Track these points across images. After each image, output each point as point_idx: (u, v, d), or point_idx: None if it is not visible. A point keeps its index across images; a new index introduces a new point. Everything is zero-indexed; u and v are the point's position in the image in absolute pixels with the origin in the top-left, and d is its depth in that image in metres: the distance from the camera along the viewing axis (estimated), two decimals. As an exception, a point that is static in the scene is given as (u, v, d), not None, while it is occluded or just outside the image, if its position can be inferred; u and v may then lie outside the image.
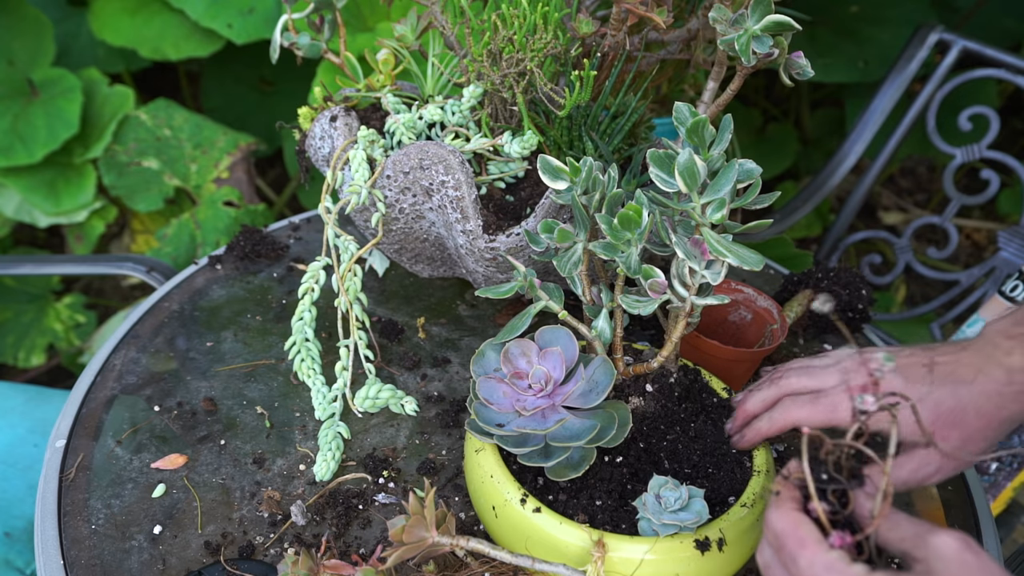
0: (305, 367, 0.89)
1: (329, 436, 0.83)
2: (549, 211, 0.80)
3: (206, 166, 1.74)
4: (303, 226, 1.16)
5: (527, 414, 0.69)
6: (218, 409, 0.88)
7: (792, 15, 0.71)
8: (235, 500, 0.79)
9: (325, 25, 0.91)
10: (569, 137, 0.88)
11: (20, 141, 1.62)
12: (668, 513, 0.63)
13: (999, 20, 2.01)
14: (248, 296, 1.03)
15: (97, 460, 0.82)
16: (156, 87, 2.25)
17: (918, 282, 2.17)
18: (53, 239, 2.06)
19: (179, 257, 1.64)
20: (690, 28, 0.96)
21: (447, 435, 0.86)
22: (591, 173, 0.70)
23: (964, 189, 2.13)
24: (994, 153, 1.45)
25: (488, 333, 0.99)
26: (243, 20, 1.65)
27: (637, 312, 0.68)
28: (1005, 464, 1.19)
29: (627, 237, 0.67)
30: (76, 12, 1.92)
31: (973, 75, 1.43)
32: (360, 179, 0.83)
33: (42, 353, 1.73)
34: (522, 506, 0.66)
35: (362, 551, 0.75)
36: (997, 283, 1.44)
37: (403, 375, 0.93)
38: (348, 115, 0.89)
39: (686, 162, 0.63)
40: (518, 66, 0.82)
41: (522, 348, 0.72)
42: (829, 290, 0.97)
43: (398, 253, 0.94)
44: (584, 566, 0.63)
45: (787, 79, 0.77)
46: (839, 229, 1.54)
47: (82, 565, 0.72)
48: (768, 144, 2.13)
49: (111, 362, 0.93)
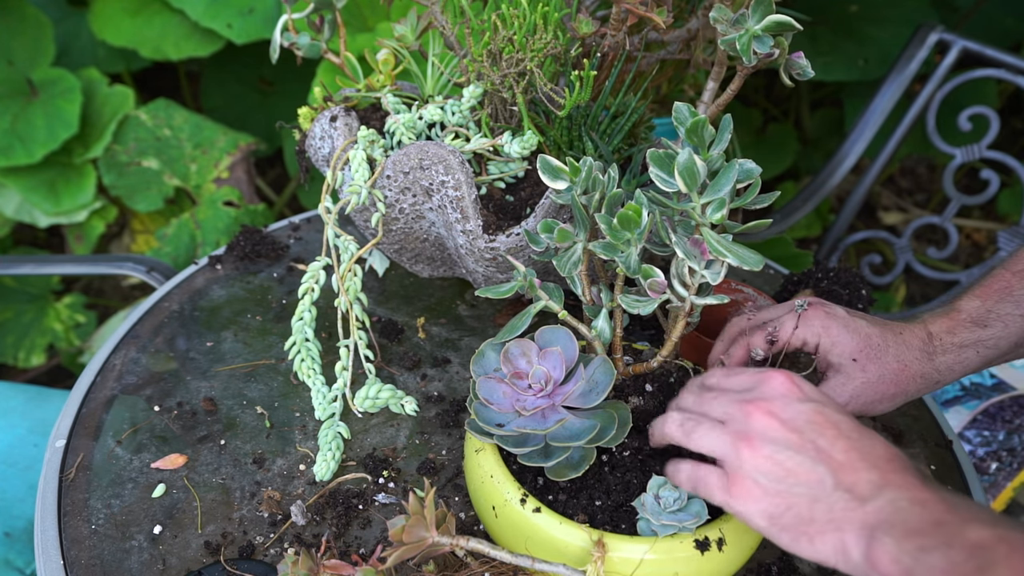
0: (305, 367, 0.89)
1: (329, 436, 0.83)
2: (549, 211, 0.80)
3: (206, 166, 1.74)
4: (303, 226, 1.16)
5: (527, 414, 0.69)
6: (218, 409, 0.88)
7: (793, 15, 0.71)
8: (235, 500, 0.79)
9: (325, 25, 0.91)
10: (569, 137, 0.88)
11: (20, 141, 1.62)
12: (667, 513, 0.63)
13: (999, 20, 2.01)
14: (248, 296, 1.03)
15: (97, 460, 0.82)
16: (156, 87, 2.25)
17: (918, 282, 2.17)
18: (53, 239, 2.06)
19: (179, 257, 1.64)
20: (690, 28, 0.96)
21: (447, 435, 0.86)
22: (591, 173, 0.70)
23: (964, 189, 2.13)
24: (994, 153, 1.45)
25: (488, 333, 0.99)
26: (243, 20, 1.65)
27: (637, 312, 0.68)
28: (1005, 464, 1.19)
29: (627, 237, 0.67)
30: (76, 12, 1.92)
31: (973, 75, 1.43)
32: (360, 179, 0.83)
33: (42, 353, 1.73)
34: (522, 506, 0.66)
35: (362, 551, 0.75)
36: (997, 283, 1.44)
37: (403, 375, 0.93)
38: (348, 115, 0.89)
39: (686, 162, 0.63)
40: (518, 66, 0.82)
41: (522, 348, 0.72)
42: (829, 290, 0.97)
43: (398, 253, 0.94)
44: (584, 566, 0.63)
45: (787, 79, 0.77)
46: (839, 229, 1.54)
47: (82, 565, 0.72)
48: (768, 144, 2.13)
49: (111, 362, 0.93)
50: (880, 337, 0.72)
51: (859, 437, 0.57)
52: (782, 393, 0.59)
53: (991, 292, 0.73)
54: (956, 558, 0.48)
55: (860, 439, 0.56)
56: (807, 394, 0.59)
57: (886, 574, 0.51)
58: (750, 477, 0.57)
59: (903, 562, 0.50)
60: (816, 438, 0.56)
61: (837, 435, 0.56)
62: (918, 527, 0.50)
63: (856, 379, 0.71)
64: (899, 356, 0.72)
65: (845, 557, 0.53)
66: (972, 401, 1.26)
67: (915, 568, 0.49)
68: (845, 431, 0.57)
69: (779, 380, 0.60)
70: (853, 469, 0.55)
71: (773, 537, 0.56)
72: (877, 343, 0.72)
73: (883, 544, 0.51)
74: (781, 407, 0.58)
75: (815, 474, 0.55)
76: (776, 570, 0.76)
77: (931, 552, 0.49)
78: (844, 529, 0.53)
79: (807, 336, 0.73)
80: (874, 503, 0.53)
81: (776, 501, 0.56)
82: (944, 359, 0.72)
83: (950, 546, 0.49)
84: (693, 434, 0.61)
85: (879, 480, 0.54)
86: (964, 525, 0.49)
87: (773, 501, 0.56)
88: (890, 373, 0.72)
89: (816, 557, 0.54)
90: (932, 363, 0.72)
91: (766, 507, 0.56)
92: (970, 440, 1.22)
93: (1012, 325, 0.72)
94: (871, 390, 0.71)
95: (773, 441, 0.57)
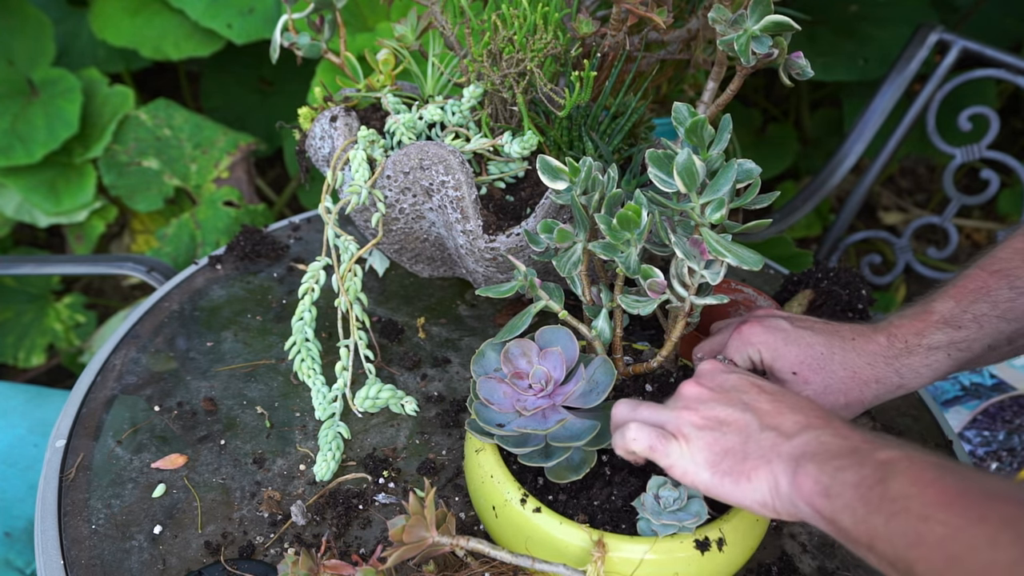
0: (305, 367, 0.89)
1: (329, 436, 0.83)
2: (549, 211, 0.80)
3: (206, 166, 1.74)
4: (303, 226, 1.16)
5: (527, 414, 0.69)
6: (218, 409, 0.88)
7: (792, 15, 0.71)
8: (235, 500, 0.79)
9: (325, 25, 0.91)
10: (569, 137, 0.88)
11: (20, 141, 1.62)
12: (667, 513, 0.64)
13: (999, 20, 2.01)
14: (248, 296, 1.03)
15: (97, 460, 0.82)
16: (156, 87, 2.25)
17: (918, 282, 2.17)
18: (53, 239, 2.06)
19: (179, 257, 1.64)
20: (690, 28, 0.96)
21: (447, 435, 0.86)
22: (590, 173, 0.70)
23: (964, 189, 2.13)
24: (994, 153, 1.45)
25: (488, 333, 0.99)
26: (243, 20, 1.65)
27: (636, 312, 0.68)
28: (1005, 464, 1.19)
29: (626, 237, 0.67)
30: (76, 12, 1.92)
31: (973, 75, 1.43)
32: (360, 179, 0.84)
33: (42, 353, 1.73)
34: (522, 506, 0.66)
35: (362, 551, 0.75)
36: (997, 283, 1.43)
37: (403, 375, 0.93)
38: (348, 115, 0.89)
39: (685, 162, 0.63)
40: (518, 66, 0.82)
41: (522, 348, 0.72)
42: (829, 290, 0.97)
43: (398, 253, 0.94)
44: (584, 566, 0.63)
45: (787, 79, 0.77)
46: (839, 229, 1.54)
47: (82, 565, 0.72)
48: (768, 144, 2.13)
49: (111, 362, 0.93)
50: (824, 346, 0.71)
51: (782, 394, 0.62)
52: (709, 370, 0.66)
53: (966, 292, 0.70)
54: (865, 472, 0.52)
55: (783, 395, 0.62)
56: (733, 369, 0.66)
57: (808, 497, 0.54)
58: (689, 433, 0.61)
59: (822, 482, 0.53)
60: (741, 395, 0.62)
61: (760, 391, 0.62)
62: (837, 453, 0.55)
63: (800, 392, 0.70)
64: (847, 363, 0.70)
65: (776, 489, 0.56)
66: (972, 401, 1.26)
67: (832, 485, 0.53)
68: (768, 390, 0.62)
69: (708, 363, 0.67)
70: (778, 413, 0.60)
71: (715, 488, 0.59)
72: (820, 352, 0.71)
73: (806, 470, 0.55)
74: (708, 379, 0.65)
75: (743, 419, 0.60)
76: (776, 570, 0.76)
77: (846, 471, 0.53)
78: (773, 461, 0.57)
79: (750, 353, 0.73)
80: (800, 437, 0.57)
81: (715, 449, 0.60)
82: (909, 361, 0.70)
83: (862, 464, 0.52)
84: (640, 410, 0.65)
85: (803, 421, 0.58)
86: (876, 449, 0.53)
87: (712, 450, 0.60)
88: (837, 382, 0.70)
89: (753, 496, 0.58)
90: (892, 367, 0.70)
91: (707, 456, 0.60)
92: (970, 440, 1.22)
93: (987, 327, 0.70)
94: (818, 402, 0.69)
95: (703, 402, 0.63)
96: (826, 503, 0.53)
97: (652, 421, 0.63)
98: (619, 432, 0.64)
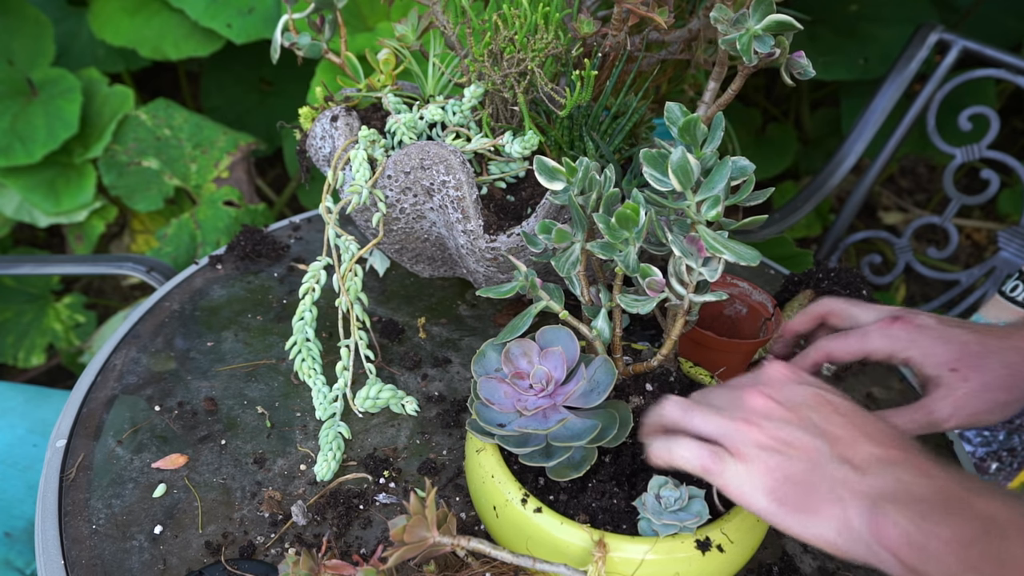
0: (306, 367, 0.89)
1: (330, 436, 0.83)
2: (550, 212, 0.80)
3: (206, 166, 1.74)
4: (304, 226, 1.16)
5: (528, 414, 0.69)
6: (219, 409, 0.88)
7: (793, 14, 0.71)
8: (236, 500, 0.79)
9: (325, 25, 0.91)
10: (570, 137, 0.88)
11: (19, 141, 1.62)
12: (668, 513, 0.63)
13: (999, 20, 2.01)
14: (248, 296, 1.03)
15: (97, 460, 0.82)
16: (156, 87, 2.25)
17: (918, 282, 2.17)
18: (53, 239, 2.06)
19: (179, 257, 1.64)
20: (691, 28, 0.96)
21: (448, 435, 0.86)
22: (587, 173, 0.70)
23: (964, 189, 2.13)
24: (994, 153, 1.45)
25: (489, 333, 0.99)
26: (243, 20, 1.64)
27: (636, 311, 0.68)
28: (1005, 464, 1.19)
29: (625, 236, 0.67)
30: (76, 12, 1.92)
31: (973, 75, 1.43)
32: (361, 179, 0.83)
33: (42, 353, 1.73)
34: (523, 506, 0.66)
35: (363, 551, 0.75)
36: (997, 283, 1.44)
37: (404, 375, 0.93)
38: (349, 115, 0.89)
39: (679, 160, 0.63)
40: (519, 66, 0.82)
41: (523, 348, 0.72)
42: (829, 290, 0.97)
43: (399, 253, 0.94)
44: (585, 566, 0.63)
45: (788, 79, 0.77)
46: (839, 229, 1.54)
47: (82, 565, 0.72)
48: (768, 144, 2.13)
49: (111, 362, 0.93)
50: (979, 344, 0.69)
51: (856, 415, 0.57)
52: (778, 378, 0.60)
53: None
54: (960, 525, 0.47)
55: (857, 416, 0.56)
56: (804, 379, 0.60)
57: (891, 545, 0.50)
58: (749, 452, 0.56)
59: (908, 532, 0.49)
60: (811, 414, 0.57)
61: (833, 411, 0.57)
62: (923, 497, 0.50)
63: (958, 390, 0.68)
64: (1005, 361, 0.68)
65: (847, 528, 0.51)
66: (972, 401, 1.26)
67: (921, 538, 0.48)
68: (842, 410, 0.57)
69: (776, 368, 0.61)
70: (852, 441, 0.54)
71: (772, 517, 0.55)
72: (976, 350, 0.68)
73: (887, 514, 0.50)
74: (777, 390, 0.59)
75: (813, 445, 0.55)
76: (777, 570, 0.76)
77: (938, 524, 0.48)
78: (845, 499, 0.52)
79: (894, 348, 0.70)
80: (875, 475, 0.52)
81: (776, 475, 0.55)
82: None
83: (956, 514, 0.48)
84: (693, 415, 0.60)
85: (880, 454, 0.53)
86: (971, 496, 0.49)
87: (774, 475, 0.55)
88: (996, 379, 0.68)
89: (816, 532, 0.53)
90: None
91: (767, 482, 0.55)
92: (970, 440, 1.22)
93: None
94: (977, 400, 0.68)
95: (769, 418, 0.57)
96: (912, 553, 0.49)
97: (707, 432, 0.58)
98: (663, 443, 0.60)
